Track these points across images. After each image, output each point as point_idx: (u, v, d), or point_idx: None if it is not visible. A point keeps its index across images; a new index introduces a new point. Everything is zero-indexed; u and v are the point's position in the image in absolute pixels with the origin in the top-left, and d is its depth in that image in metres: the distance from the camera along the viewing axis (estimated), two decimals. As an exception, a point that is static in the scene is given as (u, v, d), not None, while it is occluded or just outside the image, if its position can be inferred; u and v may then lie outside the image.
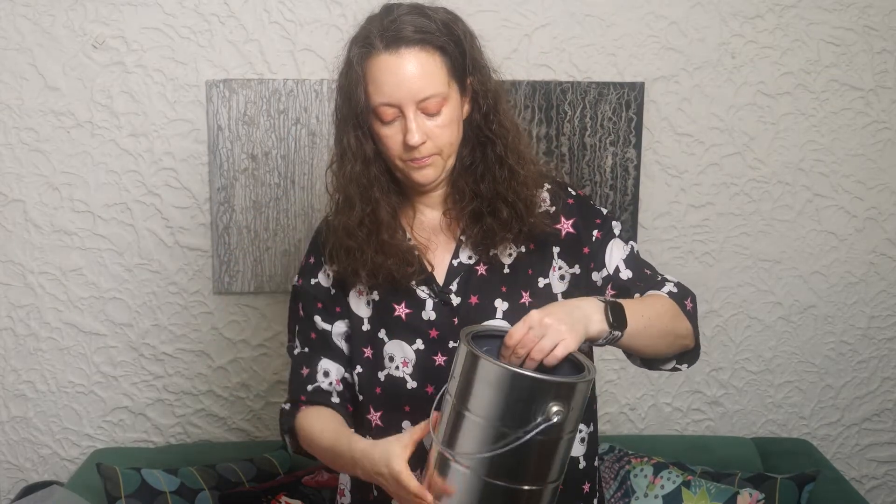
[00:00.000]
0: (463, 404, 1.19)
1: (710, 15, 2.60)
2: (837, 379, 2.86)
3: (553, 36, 2.57)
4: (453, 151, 1.44)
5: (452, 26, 1.41)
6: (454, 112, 1.41)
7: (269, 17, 2.49)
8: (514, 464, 1.18)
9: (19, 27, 2.44)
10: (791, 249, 2.75)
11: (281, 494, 2.34)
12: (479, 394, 1.18)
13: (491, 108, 1.44)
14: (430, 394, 1.47)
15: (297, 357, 1.58)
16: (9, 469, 2.68)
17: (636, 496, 2.46)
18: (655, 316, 1.40)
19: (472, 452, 1.19)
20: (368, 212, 1.45)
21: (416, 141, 1.38)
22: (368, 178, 1.45)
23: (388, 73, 1.37)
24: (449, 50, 1.39)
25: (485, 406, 1.18)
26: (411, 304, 1.49)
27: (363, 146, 1.44)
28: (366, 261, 1.46)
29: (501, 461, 1.18)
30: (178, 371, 2.65)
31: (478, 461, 1.19)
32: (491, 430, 1.17)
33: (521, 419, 1.16)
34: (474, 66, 1.43)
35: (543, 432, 1.16)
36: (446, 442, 1.22)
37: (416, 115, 1.38)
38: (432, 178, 1.44)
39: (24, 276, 2.57)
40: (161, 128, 2.52)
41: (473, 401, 1.19)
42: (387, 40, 1.37)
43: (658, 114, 2.63)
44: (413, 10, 1.40)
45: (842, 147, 2.71)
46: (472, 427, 1.19)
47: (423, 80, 1.37)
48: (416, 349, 1.49)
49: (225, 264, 2.58)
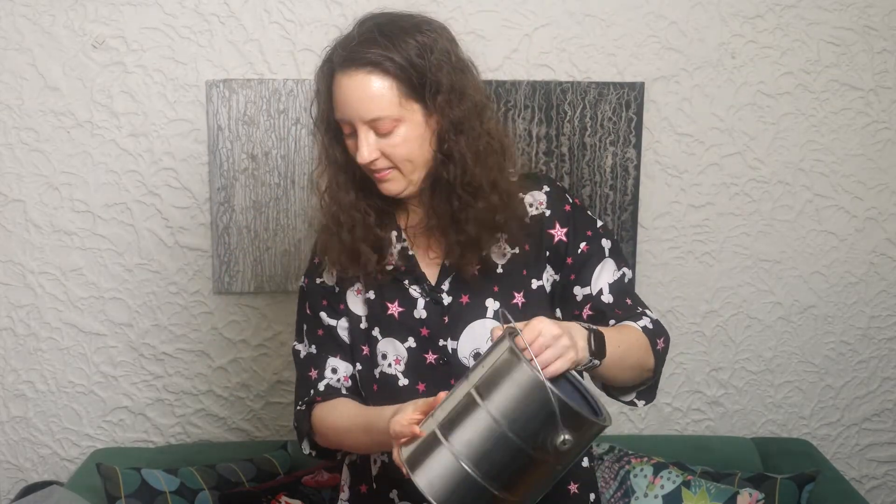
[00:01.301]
0: (482, 396, 1.19)
1: (710, 15, 2.60)
2: (837, 379, 2.86)
3: (553, 36, 2.57)
4: (416, 168, 1.42)
5: (417, 47, 1.38)
6: (411, 132, 1.40)
7: (269, 17, 2.49)
8: (499, 469, 1.18)
9: (19, 27, 2.44)
10: (791, 249, 2.75)
11: (281, 494, 2.34)
12: (503, 393, 1.18)
13: (446, 131, 1.40)
14: (422, 391, 1.48)
15: (304, 359, 1.59)
16: (9, 469, 2.68)
17: (636, 496, 2.47)
18: (628, 348, 1.42)
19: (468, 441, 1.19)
20: (336, 211, 1.48)
21: (365, 159, 1.40)
22: (337, 182, 1.48)
23: (340, 91, 1.39)
24: (403, 74, 1.37)
25: (503, 407, 1.17)
26: (404, 303, 1.50)
27: (332, 151, 1.47)
28: (336, 257, 1.50)
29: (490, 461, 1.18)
30: (178, 371, 2.66)
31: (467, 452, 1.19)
32: (496, 430, 1.17)
33: (532, 433, 1.16)
34: (438, 88, 1.39)
35: (543, 453, 1.17)
36: (446, 425, 1.21)
37: (367, 133, 1.39)
38: (395, 191, 1.44)
39: (24, 276, 2.57)
40: (161, 128, 2.52)
41: (494, 397, 1.18)
42: (342, 59, 1.39)
43: (658, 114, 2.63)
44: (375, 29, 1.39)
45: (842, 147, 2.71)
46: (480, 420, 1.18)
47: (371, 103, 1.37)
48: (408, 347, 1.50)
49: (225, 264, 2.58)
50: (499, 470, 1.18)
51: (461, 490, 1.19)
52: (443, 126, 1.41)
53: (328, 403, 1.54)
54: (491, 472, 1.18)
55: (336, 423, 1.51)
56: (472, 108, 1.42)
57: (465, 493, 1.19)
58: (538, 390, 1.16)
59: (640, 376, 1.48)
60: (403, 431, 1.25)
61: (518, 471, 1.19)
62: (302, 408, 1.57)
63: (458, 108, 1.40)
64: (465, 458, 1.18)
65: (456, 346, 1.48)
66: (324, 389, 1.55)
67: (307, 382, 1.57)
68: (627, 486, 2.49)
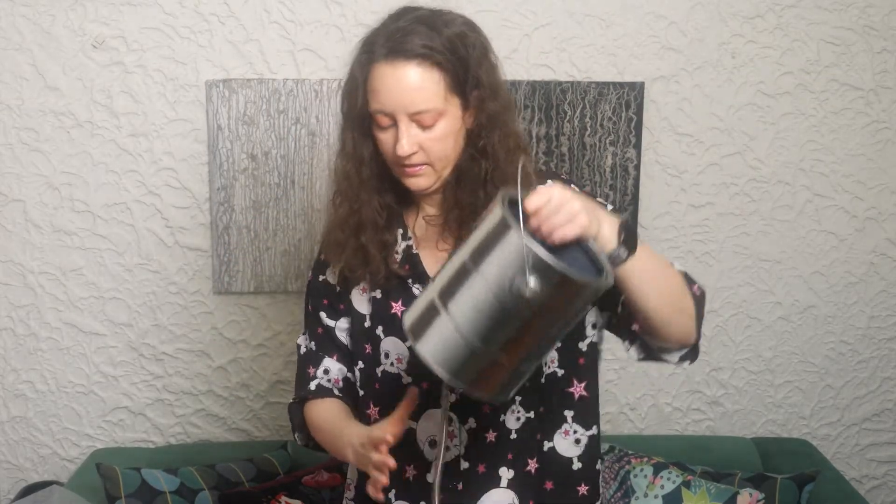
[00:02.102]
0: (470, 257, 1.18)
1: (710, 15, 2.60)
2: (837, 379, 2.86)
3: (553, 36, 2.57)
4: (448, 164, 1.43)
5: (460, 41, 1.39)
6: (451, 126, 1.40)
7: (269, 17, 2.49)
8: (485, 325, 1.16)
9: (19, 27, 2.44)
10: (791, 249, 2.75)
11: (281, 494, 2.34)
12: (488, 249, 1.16)
13: (483, 126, 1.42)
14: (425, 389, 1.48)
15: (304, 356, 1.62)
16: (9, 469, 2.68)
17: (636, 496, 2.47)
18: (664, 268, 1.36)
19: (458, 300, 1.17)
20: (355, 209, 1.47)
21: (405, 152, 1.38)
22: (360, 179, 1.46)
23: (384, 82, 1.37)
24: (450, 66, 1.37)
25: (485, 261, 1.16)
26: (408, 303, 1.50)
27: (359, 148, 1.45)
28: (342, 258, 1.49)
29: (475, 317, 1.16)
30: (178, 371, 2.65)
31: (457, 310, 1.18)
32: (464, 273, 1.16)
33: (499, 276, 1.14)
34: (477, 83, 1.40)
35: (522, 304, 1.14)
36: (440, 289, 1.20)
37: (409, 126, 1.38)
38: (424, 186, 1.44)
39: (24, 276, 2.57)
40: (161, 128, 2.52)
41: (479, 252, 1.17)
42: (387, 49, 1.37)
43: (658, 114, 2.63)
44: (421, 21, 1.39)
45: (842, 147, 2.71)
46: (463, 274, 1.17)
47: (418, 94, 1.36)
48: (410, 346, 1.50)
49: (225, 264, 2.58)
50: (485, 326, 1.17)
51: (455, 350, 1.18)
52: (478, 121, 1.42)
53: (318, 402, 1.57)
54: (479, 331, 1.17)
55: (315, 421, 1.56)
56: (505, 106, 1.44)
57: (460, 355, 1.18)
58: (502, 230, 1.14)
59: (680, 316, 1.39)
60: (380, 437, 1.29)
61: (499, 324, 1.16)
62: (296, 401, 1.62)
63: (494, 103, 1.42)
64: (456, 316, 1.17)
65: None
66: (314, 389, 1.58)
67: (304, 377, 1.60)
68: (627, 486, 2.49)
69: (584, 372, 1.52)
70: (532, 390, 1.48)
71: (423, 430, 1.51)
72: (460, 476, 1.50)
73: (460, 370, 1.19)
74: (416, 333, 1.21)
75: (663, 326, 1.38)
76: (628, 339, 1.47)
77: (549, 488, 1.52)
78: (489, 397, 1.23)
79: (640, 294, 1.33)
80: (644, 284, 1.32)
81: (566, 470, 1.52)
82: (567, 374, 1.50)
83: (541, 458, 1.51)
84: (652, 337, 1.43)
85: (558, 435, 1.51)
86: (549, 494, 1.52)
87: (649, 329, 1.40)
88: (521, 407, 1.49)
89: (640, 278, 1.31)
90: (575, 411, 1.52)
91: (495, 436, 1.49)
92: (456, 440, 1.49)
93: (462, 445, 1.49)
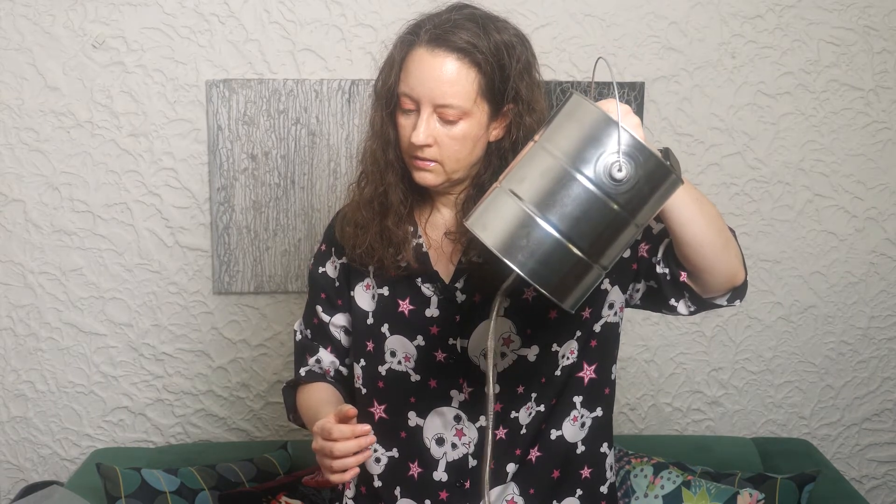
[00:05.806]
0: (546, 140, 1.16)
1: (710, 15, 2.60)
2: (837, 379, 2.86)
3: (553, 36, 2.57)
4: (460, 167, 1.42)
5: (506, 49, 1.38)
6: (472, 129, 1.39)
7: (269, 17, 2.49)
8: (565, 208, 1.13)
9: (19, 27, 2.44)
10: (791, 249, 2.75)
11: (281, 494, 2.34)
12: (561, 130, 1.15)
13: (518, 142, 1.41)
14: (433, 387, 1.49)
15: (300, 343, 1.64)
16: (9, 469, 2.68)
17: (636, 496, 2.46)
18: (705, 198, 1.34)
19: (532, 185, 1.14)
20: (381, 191, 1.46)
21: (420, 140, 1.37)
22: (386, 160, 1.45)
23: (419, 66, 1.36)
24: (488, 70, 1.36)
25: (561, 141, 1.14)
26: (415, 301, 1.50)
27: (385, 128, 1.44)
28: (366, 240, 1.47)
29: (554, 201, 1.13)
30: (178, 371, 2.66)
31: (531, 195, 1.14)
32: (555, 165, 1.14)
33: (585, 159, 1.12)
34: (515, 96, 1.40)
35: (599, 182, 1.12)
36: (510, 178, 1.17)
37: (431, 117, 1.37)
38: (430, 182, 1.43)
39: (24, 276, 2.57)
40: (161, 128, 2.52)
41: (554, 137, 1.15)
42: (432, 36, 1.36)
43: (658, 114, 2.63)
44: (474, 19, 1.38)
45: (842, 147, 2.71)
46: (542, 161, 1.15)
47: (448, 88, 1.35)
48: (417, 345, 1.50)
49: (225, 264, 2.58)
50: (564, 212, 1.13)
51: (528, 237, 1.13)
52: (513, 136, 1.41)
53: (309, 386, 1.59)
54: (557, 215, 1.13)
55: (301, 405, 1.58)
56: (539, 124, 1.41)
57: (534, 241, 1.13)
58: (602, 121, 1.13)
59: (725, 249, 1.34)
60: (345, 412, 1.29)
61: (581, 209, 1.13)
62: (290, 384, 1.63)
63: (531, 119, 1.41)
64: (530, 202, 1.13)
65: (466, 344, 1.48)
66: (304, 375, 1.60)
67: (298, 362, 1.63)
68: (627, 486, 2.49)
69: (595, 354, 1.51)
70: (548, 384, 1.48)
71: (430, 428, 1.51)
72: (468, 474, 1.50)
73: (539, 262, 1.13)
74: (485, 224, 1.16)
75: (715, 259, 1.34)
76: (674, 295, 1.43)
77: (556, 477, 1.52)
78: (549, 290, 1.15)
79: (692, 223, 1.30)
80: (694, 212, 1.30)
81: (570, 455, 1.52)
82: (578, 358, 1.50)
83: (544, 446, 1.50)
84: (702, 279, 1.38)
85: (567, 422, 1.51)
86: (552, 482, 1.52)
87: (701, 268, 1.35)
88: (534, 403, 1.49)
89: (689, 206, 1.29)
90: (584, 396, 1.51)
91: (506, 432, 1.49)
92: (465, 438, 1.50)
93: (472, 444, 1.49)
